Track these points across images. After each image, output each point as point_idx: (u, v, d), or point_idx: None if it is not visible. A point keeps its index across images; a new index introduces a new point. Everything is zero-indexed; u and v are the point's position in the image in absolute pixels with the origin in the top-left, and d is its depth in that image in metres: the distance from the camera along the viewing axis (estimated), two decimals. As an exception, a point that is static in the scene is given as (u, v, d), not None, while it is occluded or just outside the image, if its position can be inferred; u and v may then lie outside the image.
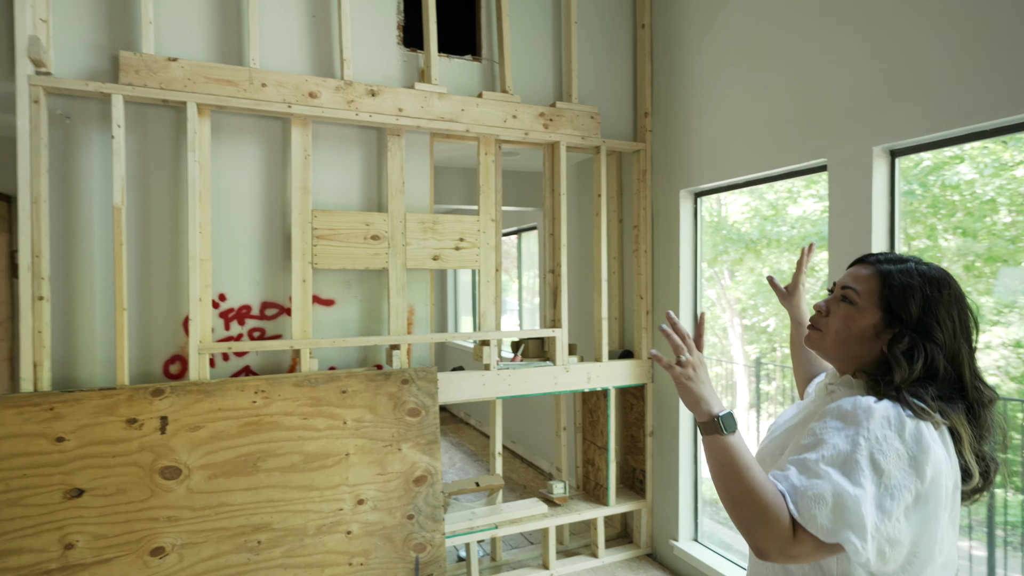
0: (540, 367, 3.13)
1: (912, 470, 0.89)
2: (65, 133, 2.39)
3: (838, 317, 1.06)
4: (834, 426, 0.93)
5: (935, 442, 0.91)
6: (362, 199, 2.89)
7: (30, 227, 2.25)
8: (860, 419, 0.91)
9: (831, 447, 0.91)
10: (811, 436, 0.95)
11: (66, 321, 2.39)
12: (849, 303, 1.05)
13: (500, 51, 3.10)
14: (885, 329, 1.02)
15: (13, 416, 2.15)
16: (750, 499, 0.89)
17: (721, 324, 11.47)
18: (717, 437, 0.94)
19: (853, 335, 1.04)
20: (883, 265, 1.05)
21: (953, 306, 0.99)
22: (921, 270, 1.02)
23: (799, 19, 2.51)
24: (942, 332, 0.98)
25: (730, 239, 8.01)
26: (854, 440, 0.90)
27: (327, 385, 2.59)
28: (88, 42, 2.40)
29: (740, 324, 10.59)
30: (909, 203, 2.86)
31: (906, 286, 1.00)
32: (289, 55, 2.72)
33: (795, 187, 7.23)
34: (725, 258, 8.64)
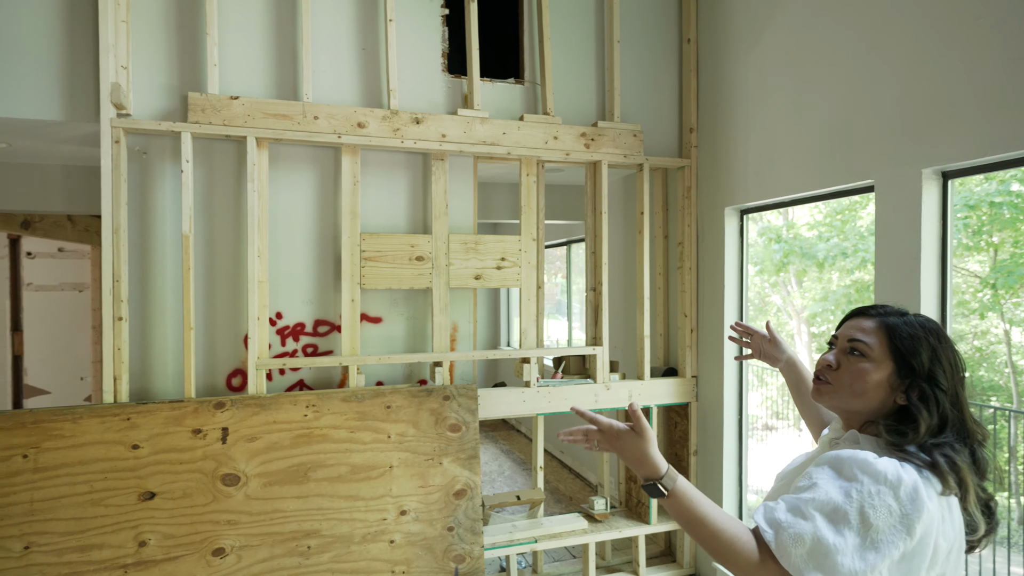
0: (580, 384, 3.16)
1: (902, 527, 0.90)
2: (142, 167, 2.64)
3: (850, 371, 1.07)
4: (830, 475, 0.96)
5: (931, 500, 0.92)
6: (408, 221, 3.02)
7: (112, 254, 2.50)
8: (856, 473, 0.93)
9: (823, 493, 0.94)
10: (807, 479, 0.99)
11: (142, 338, 2.64)
12: (860, 356, 1.06)
13: (542, 73, 3.15)
14: (898, 380, 1.03)
15: (96, 425, 2.40)
16: (715, 539, 0.96)
17: (788, 331, 11.03)
18: (668, 495, 1.01)
19: (869, 387, 1.04)
20: (888, 318, 1.06)
21: (950, 352, 1.03)
22: (920, 321, 1.05)
23: (847, 36, 2.43)
24: (945, 378, 1.01)
25: (793, 251, 7.71)
26: (847, 491, 0.92)
27: (373, 400, 2.73)
28: (161, 84, 2.64)
29: (808, 331, 10.15)
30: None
31: (914, 337, 1.02)
32: (340, 88, 2.88)
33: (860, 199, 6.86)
34: (791, 267, 8.32)
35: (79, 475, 2.35)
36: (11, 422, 2.31)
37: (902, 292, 2.17)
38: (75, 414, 2.38)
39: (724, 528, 0.96)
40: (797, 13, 2.69)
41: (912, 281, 2.15)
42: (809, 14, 2.62)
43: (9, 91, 2.46)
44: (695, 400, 3.38)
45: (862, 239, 7.58)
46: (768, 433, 7.46)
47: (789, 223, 9.47)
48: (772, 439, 7.42)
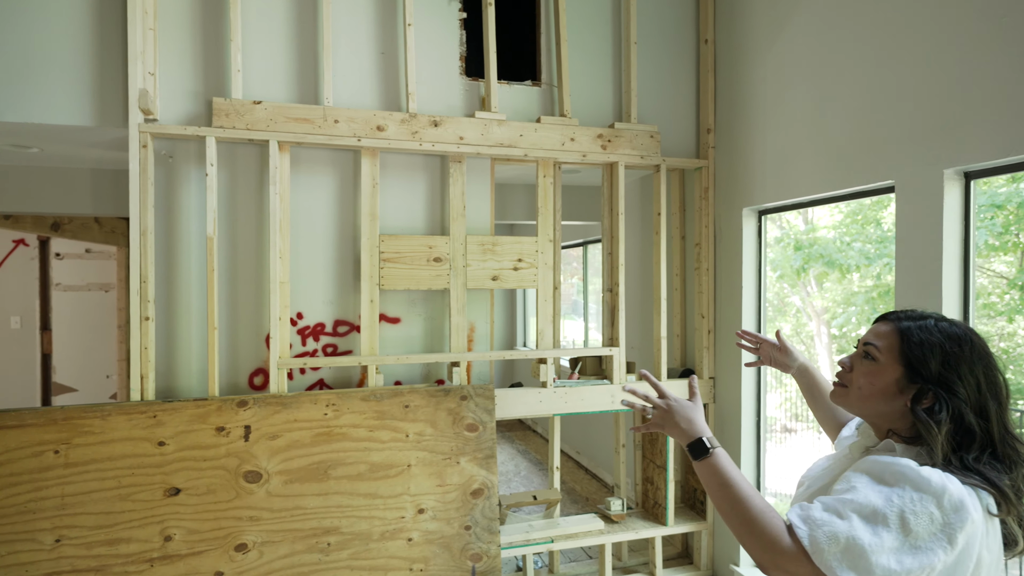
0: (597, 385, 3.17)
1: (944, 536, 0.88)
2: (168, 171, 2.71)
3: (861, 373, 1.08)
4: (869, 480, 0.95)
5: (976, 512, 0.91)
6: (426, 222, 3.06)
7: (139, 255, 2.57)
8: (898, 479, 0.93)
9: (863, 496, 0.93)
10: (844, 483, 0.97)
11: (167, 338, 2.70)
12: (871, 359, 1.07)
13: (559, 75, 3.17)
14: (908, 385, 1.02)
15: (124, 422, 2.46)
16: (745, 509, 0.98)
17: (808, 332, 10.90)
18: (707, 458, 1.07)
19: (876, 391, 1.05)
20: (903, 322, 1.06)
21: (976, 362, 1.00)
22: (941, 327, 1.03)
23: (866, 35, 2.41)
24: (964, 387, 0.98)
25: (814, 258, 7.60)
26: (887, 496, 0.91)
27: (391, 400, 2.76)
28: (187, 90, 2.70)
29: (828, 333, 10.02)
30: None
31: (925, 342, 1.02)
32: (359, 92, 2.92)
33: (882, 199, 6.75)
34: (811, 270, 8.21)
35: (108, 471, 2.42)
36: (43, 418, 2.39)
37: (923, 294, 2.15)
38: (104, 411, 2.45)
39: (756, 502, 0.98)
40: (817, 13, 2.67)
41: (934, 283, 2.12)
42: (829, 13, 2.60)
43: (43, 98, 2.54)
44: (712, 401, 3.36)
45: (882, 242, 7.47)
46: (787, 435, 7.38)
47: (810, 225, 9.35)
48: (792, 441, 7.34)
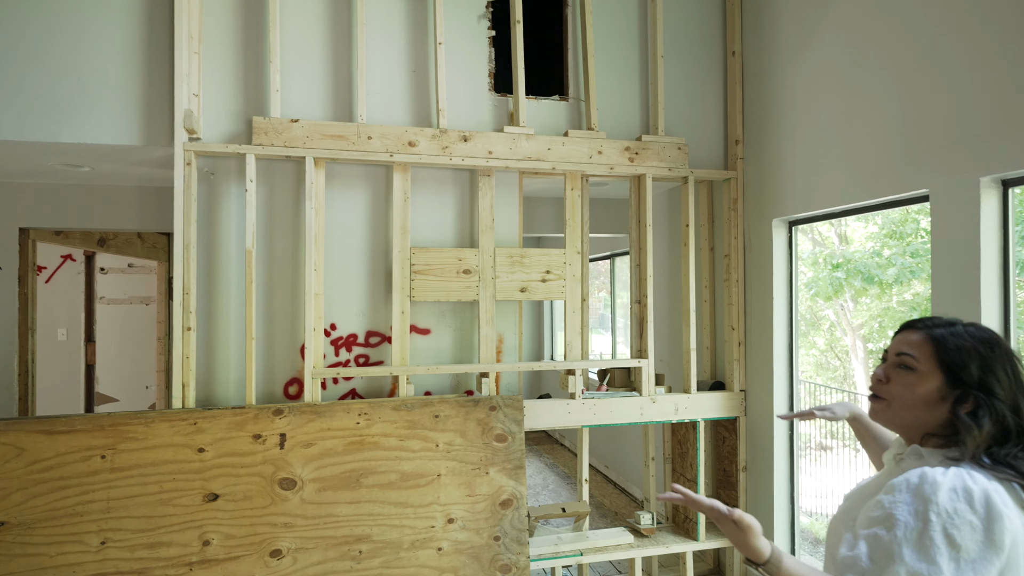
0: (626, 397, 3.16)
1: (988, 542, 0.88)
2: (209, 187, 2.82)
3: (899, 384, 1.07)
4: (902, 500, 0.94)
5: (1007, 507, 0.91)
6: (455, 235, 3.11)
7: (182, 268, 2.68)
8: (928, 494, 0.92)
9: (902, 525, 0.91)
10: (879, 509, 0.96)
11: (208, 347, 2.80)
12: (908, 369, 1.06)
13: (586, 90, 3.21)
14: (949, 391, 1.02)
15: (166, 429, 2.55)
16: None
17: (843, 347, 10.65)
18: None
19: (918, 400, 1.04)
20: (934, 330, 1.06)
21: (1006, 362, 1.01)
22: (971, 331, 1.04)
23: (897, 43, 2.39)
24: (1001, 387, 1.00)
25: (853, 274, 7.42)
26: (925, 516, 0.90)
27: (422, 410, 2.80)
28: (228, 110, 2.82)
29: (864, 348, 9.76)
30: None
31: (962, 348, 1.02)
32: (392, 109, 3.01)
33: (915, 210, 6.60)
34: (848, 289, 8.02)
35: (150, 475, 2.50)
36: (91, 424, 2.49)
37: (961, 306, 2.11)
38: (147, 418, 2.55)
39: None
40: (846, 22, 2.66)
41: (972, 295, 2.08)
42: (859, 23, 2.59)
43: (95, 120, 2.68)
44: (743, 415, 3.32)
45: (916, 255, 7.27)
46: (823, 453, 7.19)
47: (844, 240, 9.16)
48: (827, 460, 7.15)
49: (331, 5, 2.95)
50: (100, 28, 2.70)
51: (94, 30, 2.70)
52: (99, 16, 2.70)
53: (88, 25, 2.69)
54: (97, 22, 2.70)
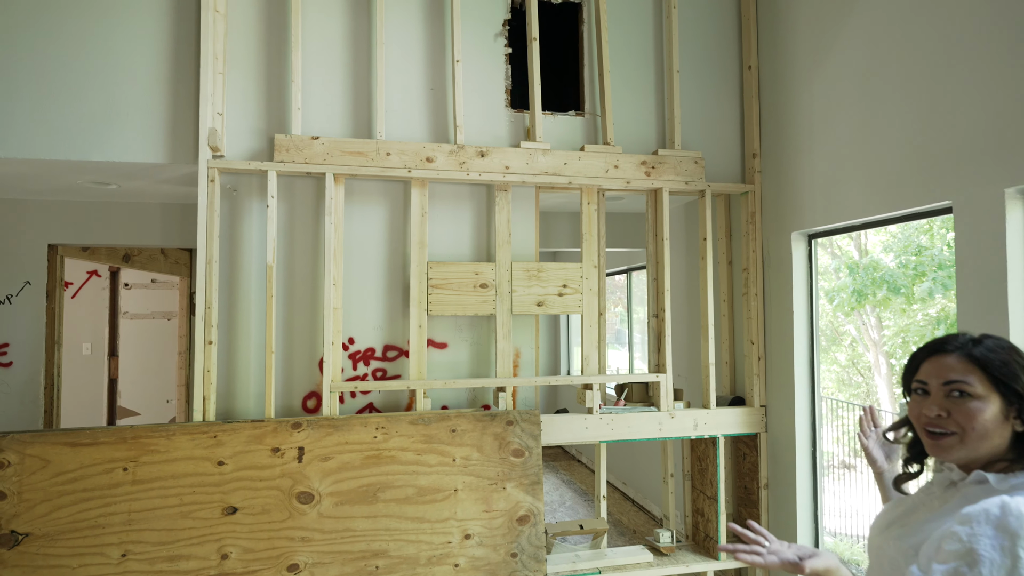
0: (644, 412, 3.13)
1: None
2: (231, 204, 2.88)
3: (962, 414, 1.02)
4: (984, 533, 0.89)
5: None
6: (472, 249, 3.13)
7: (205, 283, 2.72)
8: (1015, 528, 0.88)
9: (987, 562, 0.87)
10: (956, 542, 0.92)
11: (228, 361, 2.83)
12: (966, 396, 1.02)
13: (602, 105, 3.23)
14: (1008, 409, 1.01)
15: (187, 441, 2.58)
16: None
17: (865, 363, 10.43)
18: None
19: (989, 427, 1.00)
20: (972, 350, 1.04)
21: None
22: (1000, 344, 1.04)
23: (920, 52, 2.38)
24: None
25: (876, 282, 7.29)
26: (1013, 553, 0.87)
27: (438, 424, 2.80)
28: (251, 128, 2.89)
29: (887, 363, 9.57)
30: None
31: (1006, 362, 1.01)
32: (410, 125, 3.05)
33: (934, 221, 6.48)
34: (870, 299, 7.89)
35: (171, 488, 2.53)
36: (115, 437, 2.53)
37: (987, 320, 2.06)
38: (169, 431, 2.58)
39: None
40: (864, 34, 2.66)
41: (999, 308, 2.04)
42: (877, 34, 2.58)
43: (123, 138, 2.76)
44: (764, 431, 3.27)
45: (943, 266, 7.14)
46: (846, 472, 7.03)
47: (865, 253, 9.03)
48: (850, 479, 6.99)
49: (351, 25, 3.02)
50: (129, 51, 2.79)
51: (123, 53, 2.78)
52: (128, 39, 2.79)
53: (117, 48, 2.78)
54: (126, 45, 2.79)
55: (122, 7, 2.80)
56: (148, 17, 2.81)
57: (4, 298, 3.78)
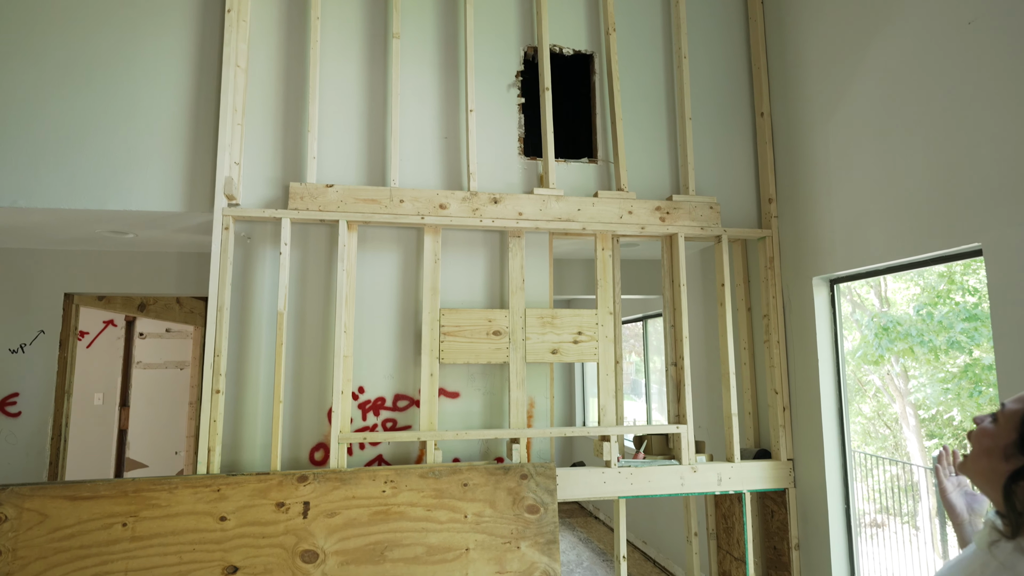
0: (664, 466, 2.99)
1: None
2: (245, 251, 2.88)
3: (978, 432, 1.04)
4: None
5: None
6: (485, 296, 3.08)
7: (215, 330, 2.69)
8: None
9: None
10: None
11: (236, 411, 2.77)
12: (993, 420, 1.03)
13: (615, 152, 3.24)
14: (1015, 455, 0.96)
15: (189, 495, 2.49)
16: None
17: (891, 414, 10.05)
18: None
19: (983, 450, 1.01)
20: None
21: None
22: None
23: (935, 94, 2.36)
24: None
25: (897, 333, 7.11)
26: None
27: (450, 478, 2.68)
28: (267, 177, 2.92)
29: (915, 415, 9.21)
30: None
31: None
32: (423, 173, 3.07)
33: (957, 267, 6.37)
34: (895, 352, 7.68)
35: (170, 545, 2.42)
36: (116, 490, 2.44)
37: (1030, 364, 1.95)
38: (171, 484, 2.49)
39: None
40: (879, 77, 2.65)
41: (1040, 352, 1.93)
42: (893, 76, 2.58)
43: (141, 188, 2.80)
44: (793, 486, 3.10)
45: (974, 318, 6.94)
46: (877, 531, 6.66)
47: (884, 300, 8.85)
48: (883, 538, 6.61)
49: (367, 77, 3.08)
50: (151, 104, 2.86)
51: (145, 106, 2.86)
52: (151, 93, 2.87)
53: (140, 101, 2.86)
54: (148, 98, 2.86)
55: (148, 62, 2.89)
56: (172, 72, 2.90)
57: (17, 347, 3.78)
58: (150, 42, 2.91)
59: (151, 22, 2.92)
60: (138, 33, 2.90)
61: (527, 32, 3.30)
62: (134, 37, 2.90)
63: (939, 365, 7.87)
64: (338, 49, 3.07)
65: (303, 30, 3.05)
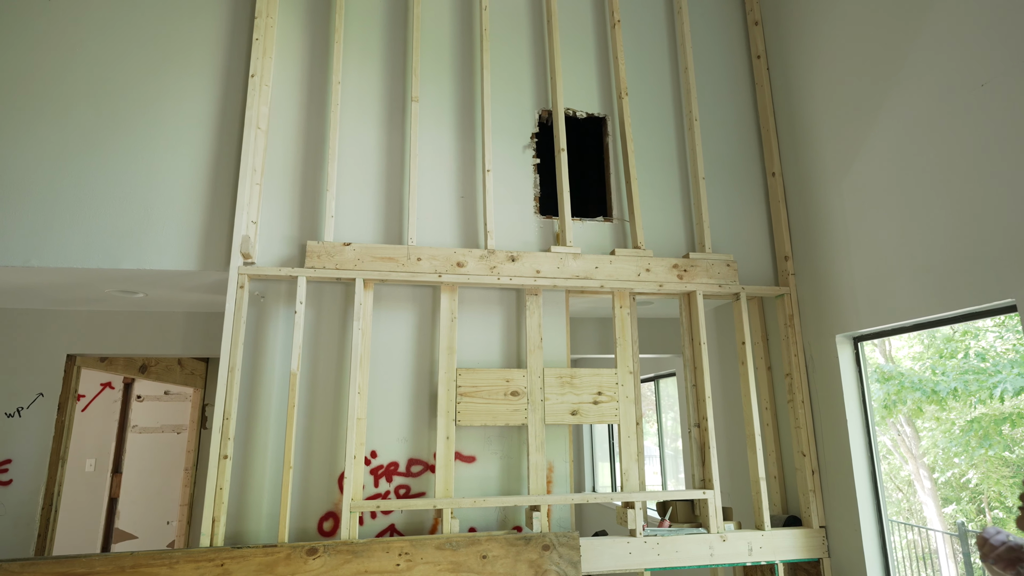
0: (693, 534, 2.83)
1: None
2: (259, 310, 2.82)
3: None
4: None
5: None
6: (502, 356, 3.01)
7: (225, 392, 2.60)
8: None
9: None
10: None
11: (242, 478, 2.63)
12: None
13: (630, 210, 3.26)
14: None
15: (191, 571, 2.32)
16: None
17: (904, 476, 9.76)
18: None
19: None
20: None
21: None
22: None
23: (953, 152, 2.39)
24: None
25: (904, 387, 7.04)
26: None
27: (468, 549, 2.53)
28: (284, 235, 2.90)
29: (930, 478, 8.93)
30: None
31: None
32: (440, 231, 3.06)
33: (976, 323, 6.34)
34: (901, 407, 7.56)
35: (168, 627, 2.24)
36: (112, 566, 2.28)
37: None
38: (172, 559, 2.33)
39: None
40: (895, 135, 2.70)
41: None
42: (908, 134, 2.62)
43: (155, 247, 2.77)
44: (827, 556, 2.93)
45: (977, 373, 6.88)
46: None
47: (888, 357, 8.77)
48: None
49: (386, 138, 3.13)
50: (171, 164, 2.88)
51: (165, 166, 2.88)
52: (171, 154, 2.90)
53: (160, 162, 2.88)
54: (168, 159, 2.89)
55: (169, 125, 2.93)
56: (192, 134, 2.94)
57: (14, 411, 3.65)
58: (173, 106, 2.96)
59: (174, 88, 2.99)
60: (162, 97, 2.96)
61: (541, 96, 3.38)
62: (158, 101, 2.95)
63: (946, 420, 7.72)
64: (358, 111, 3.13)
65: (324, 93, 3.12)
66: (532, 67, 3.41)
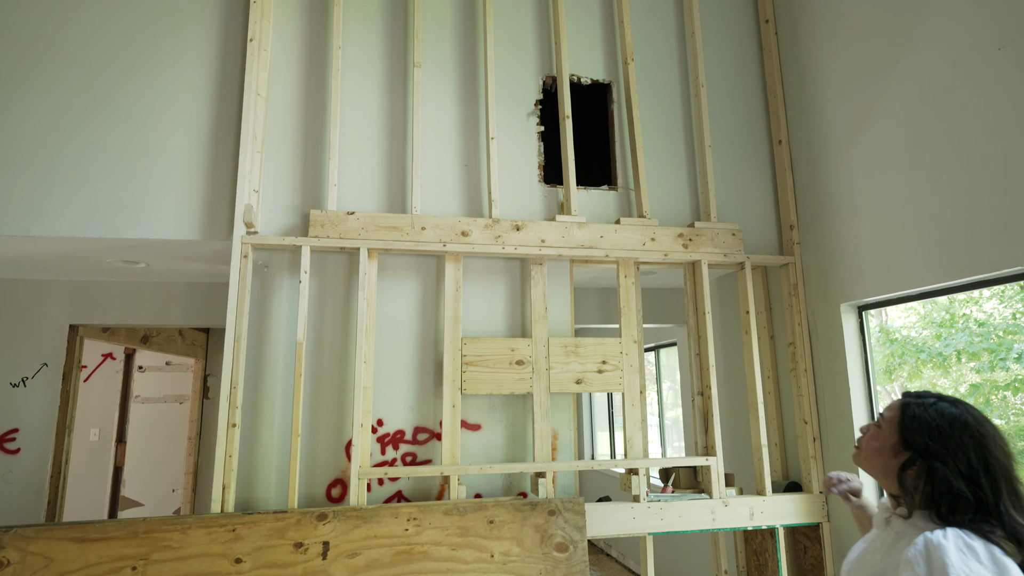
0: (695, 500, 2.88)
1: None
2: (263, 280, 2.81)
3: (869, 436, 1.34)
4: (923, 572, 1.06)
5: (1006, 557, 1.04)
6: (507, 325, 3.02)
7: (231, 362, 2.60)
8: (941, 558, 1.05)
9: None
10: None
11: (251, 446, 2.66)
12: (878, 426, 1.32)
13: (636, 179, 3.22)
14: (901, 451, 1.24)
15: (203, 536, 2.36)
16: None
17: (896, 445, 9.90)
18: None
19: (875, 451, 1.29)
20: (909, 399, 1.27)
21: (967, 440, 1.15)
22: (940, 407, 1.21)
23: (966, 117, 2.35)
24: (954, 461, 1.15)
25: (903, 352, 7.09)
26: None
27: (475, 515, 2.57)
28: (287, 204, 2.87)
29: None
30: None
31: (919, 418, 1.22)
32: (445, 200, 3.03)
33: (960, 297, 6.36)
34: (899, 373, 7.63)
35: (182, 591, 2.28)
36: (125, 531, 2.31)
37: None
38: (184, 524, 2.36)
39: None
40: (905, 101, 2.66)
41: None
42: (920, 100, 2.58)
43: (158, 216, 2.74)
44: (827, 520, 2.99)
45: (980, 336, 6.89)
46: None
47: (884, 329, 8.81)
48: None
49: (388, 105, 3.07)
50: (170, 132, 2.83)
51: (164, 134, 2.82)
52: (170, 121, 2.84)
53: (159, 130, 2.82)
54: (168, 127, 2.83)
55: (168, 92, 2.87)
56: (191, 101, 2.88)
57: (19, 381, 3.66)
58: (171, 73, 2.89)
59: (172, 54, 2.91)
60: (159, 64, 2.89)
61: (546, 62, 3.31)
62: (155, 68, 2.88)
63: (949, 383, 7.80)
64: (359, 77, 3.06)
65: (324, 59, 3.05)
66: (536, 32, 3.33)
